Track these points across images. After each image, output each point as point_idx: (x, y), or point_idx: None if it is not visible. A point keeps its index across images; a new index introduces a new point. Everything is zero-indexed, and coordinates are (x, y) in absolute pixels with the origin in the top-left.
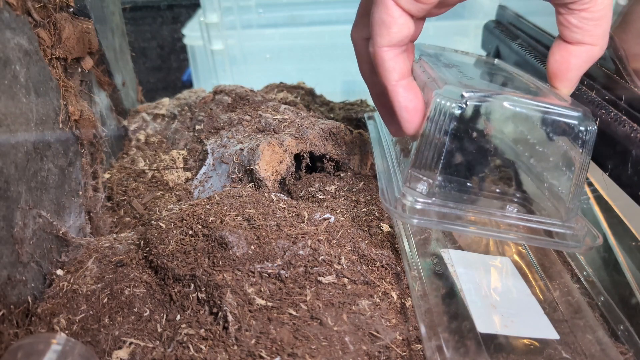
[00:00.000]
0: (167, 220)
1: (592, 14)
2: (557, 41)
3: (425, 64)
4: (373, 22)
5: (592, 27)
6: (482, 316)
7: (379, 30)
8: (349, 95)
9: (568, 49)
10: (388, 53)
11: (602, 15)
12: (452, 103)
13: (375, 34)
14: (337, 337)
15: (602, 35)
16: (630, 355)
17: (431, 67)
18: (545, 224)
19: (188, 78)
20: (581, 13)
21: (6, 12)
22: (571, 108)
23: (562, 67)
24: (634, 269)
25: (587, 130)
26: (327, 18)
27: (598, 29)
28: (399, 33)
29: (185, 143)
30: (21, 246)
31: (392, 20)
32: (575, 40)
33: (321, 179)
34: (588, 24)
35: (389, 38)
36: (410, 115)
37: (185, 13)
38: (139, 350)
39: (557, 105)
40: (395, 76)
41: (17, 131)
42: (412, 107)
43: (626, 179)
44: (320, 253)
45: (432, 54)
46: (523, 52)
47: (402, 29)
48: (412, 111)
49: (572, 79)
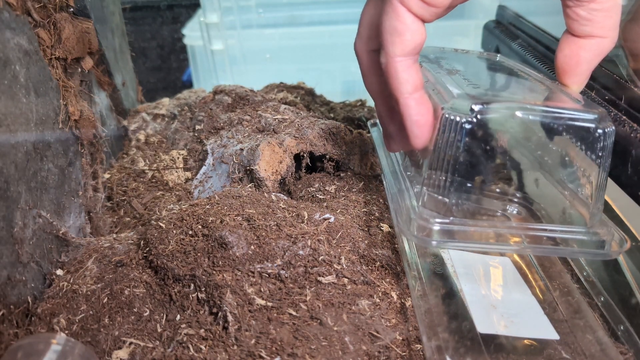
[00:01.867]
0: (167, 220)
1: (601, 5)
2: (565, 36)
3: (427, 72)
4: (384, 30)
5: (602, 19)
6: (482, 316)
7: (391, 39)
8: (349, 95)
9: (577, 43)
10: (402, 63)
11: (611, 6)
12: (462, 118)
13: (387, 43)
14: (337, 337)
15: (613, 27)
16: (630, 355)
17: (434, 76)
18: (570, 232)
19: (188, 78)
20: (590, 4)
21: (6, 12)
22: (586, 110)
23: (572, 62)
24: (634, 269)
25: (605, 132)
26: (327, 18)
27: (608, 21)
28: (413, 40)
29: (185, 143)
30: (21, 246)
31: (405, 27)
32: (585, 34)
33: (321, 179)
34: (597, 15)
35: (402, 47)
36: (421, 130)
37: (185, 13)
38: (139, 350)
39: (571, 109)
40: (409, 88)
41: (17, 131)
42: (423, 122)
43: (626, 179)
44: (320, 253)
45: (433, 59)
46: (523, 52)
47: (415, 36)
48: (424, 126)
49: (583, 74)
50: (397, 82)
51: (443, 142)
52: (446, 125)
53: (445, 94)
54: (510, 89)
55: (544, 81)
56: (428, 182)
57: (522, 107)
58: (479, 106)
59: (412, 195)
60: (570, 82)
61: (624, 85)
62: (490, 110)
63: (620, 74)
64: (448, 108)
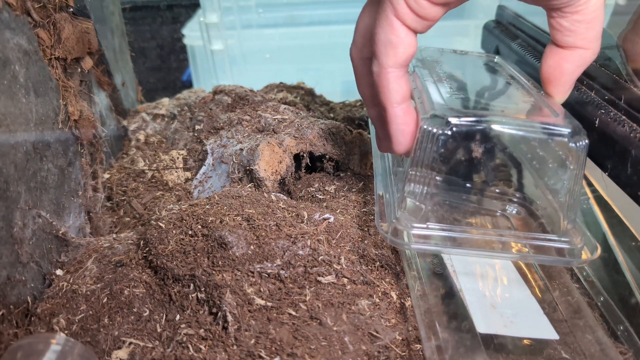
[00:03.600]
0: (167, 220)
1: (584, 16)
2: (549, 47)
3: (417, 79)
4: (378, 42)
5: (585, 30)
6: (482, 316)
7: (384, 51)
8: (349, 95)
9: (560, 54)
10: (393, 74)
11: (594, 18)
12: (438, 130)
13: (380, 55)
14: (337, 337)
15: (595, 38)
16: (630, 355)
17: (422, 84)
18: (542, 239)
19: (188, 78)
20: (573, 16)
21: (6, 12)
22: (561, 125)
23: (555, 73)
24: (633, 269)
25: (577, 146)
26: (327, 18)
27: (590, 32)
28: (405, 53)
29: (185, 143)
30: (21, 246)
31: (399, 40)
32: (568, 44)
33: (321, 179)
34: (580, 26)
35: (395, 59)
36: (404, 138)
37: (185, 13)
38: (139, 350)
39: (546, 124)
40: (398, 98)
41: (16, 131)
42: (407, 131)
43: (626, 179)
44: (319, 253)
45: (428, 63)
46: (523, 52)
47: (408, 49)
48: (407, 135)
49: (566, 84)
50: (387, 91)
51: (421, 152)
52: (424, 136)
53: (427, 104)
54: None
55: (531, 90)
56: (408, 189)
57: (498, 122)
58: (455, 119)
59: (394, 199)
60: (554, 92)
61: (623, 85)
62: (466, 124)
63: (620, 74)
64: (426, 120)
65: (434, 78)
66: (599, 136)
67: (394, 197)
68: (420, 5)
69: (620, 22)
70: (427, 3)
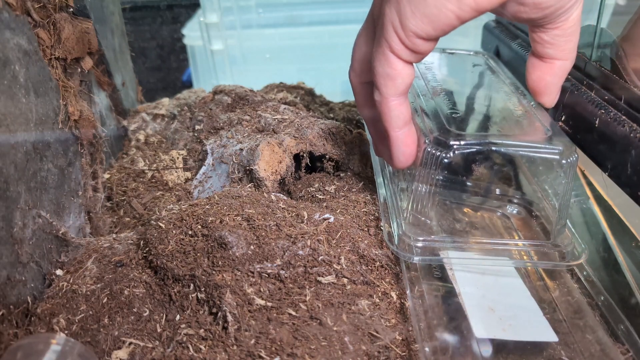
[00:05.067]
0: (167, 221)
1: (563, 31)
2: (531, 59)
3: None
4: (377, 74)
5: (564, 43)
6: (480, 320)
7: (384, 82)
8: (349, 95)
9: (542, 69)
10: (394, 102)
11: (572, 32)
12: (442, 152)
13: (381, 86)
14: (337, 337)
15: (572, 50)
16: (630, 355)
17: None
18: (534, 246)
19: (188, 78)
20: (554, 31)
21: (6, 12)
22: (552, 143)
23: (541, 85)
24: (634, 269)
25: (567, 162)
26: (327, 18)
27: (569, 44)
28: (404, 83)
29: (185, 143)
30: (21, 246)
31: (397, 73)
32: (548, 56)
33: (321, 179)
34: (559, 40)
35: (394, 89)
36: (405, 157)
37: (185, 13)
38: (139, 350)
39: (539, 143)
40: (400, 123)
41: (16, 131)
42: (408, 152)
43: (626, 179)
44: (319, 253)
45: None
46: (523, 52)
47: (405, 79)
48: (409, 155)
49: (552, 93)
50: (389, 118)
51: (425, 171)
52: (428, 158)
53: (429, 126)
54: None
55: (521, 101)
56: (412, 205)
57: (496, 144)
58: (457, 143)
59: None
60: (542, 101)
61: (623, 85)
62: (467, 146)
63: (621, 74)
64: (430, 143)
65: (430, 93)
66: (599, 136)
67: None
68: (413, 42)
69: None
70: (419, 40)
